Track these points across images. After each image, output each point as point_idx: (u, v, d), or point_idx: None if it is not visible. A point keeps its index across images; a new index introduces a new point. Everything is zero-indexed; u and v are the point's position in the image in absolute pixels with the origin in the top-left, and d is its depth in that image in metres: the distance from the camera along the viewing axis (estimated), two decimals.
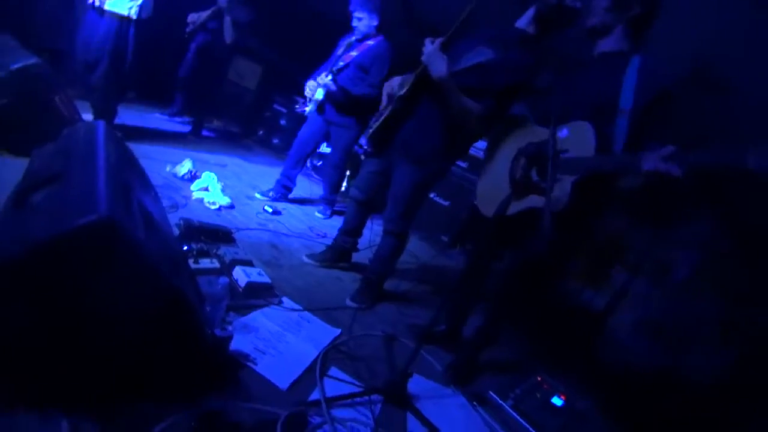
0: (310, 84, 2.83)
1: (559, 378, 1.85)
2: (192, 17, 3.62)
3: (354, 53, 2.70)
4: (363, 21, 2.64)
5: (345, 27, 2.80)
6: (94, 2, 2.33)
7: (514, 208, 1.45)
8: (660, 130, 1.30)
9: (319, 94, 2.78)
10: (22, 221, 0.91)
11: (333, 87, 2.68)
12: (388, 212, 1.97)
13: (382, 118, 1.86)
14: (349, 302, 1.97)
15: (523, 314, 2.58)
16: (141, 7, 2.42)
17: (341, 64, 2.71)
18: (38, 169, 1.14)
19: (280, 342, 1.46)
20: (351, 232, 2.27)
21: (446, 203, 3.74)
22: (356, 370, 1.50)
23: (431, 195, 3.79)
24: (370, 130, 1.93)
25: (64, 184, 0.89)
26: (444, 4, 1.89)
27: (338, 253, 2.30)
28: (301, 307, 1.73)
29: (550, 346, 2.58)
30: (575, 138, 1.32)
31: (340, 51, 2.79)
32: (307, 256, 2.25)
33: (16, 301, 0.66)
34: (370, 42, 2.69)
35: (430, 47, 1.62)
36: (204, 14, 3.56)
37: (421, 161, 1.83)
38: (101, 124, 1.13)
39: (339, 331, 1.69)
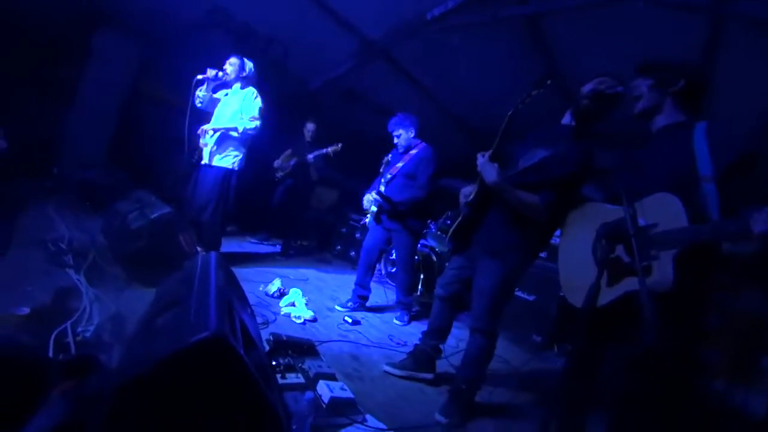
0: (367, 197, 3.12)
1: None
2: (277, 163, 4.60)
3: (400, 164, 3.02)
4: (402, 136, 3.01)
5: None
6: (204, 161, 3.00)
7: (610, 295, 1.33)
8: (753, 190, 1.18)
9: (374, 207, 3.05)
10: (148, 342, 1.06)
11: (379, 200, 2.97)
12: (474, 310, 1.90)
13: (457, 223, 1.98)
14: (438, 417, 1.79)
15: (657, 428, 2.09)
16: (241, 162, 3.05)
17: (389, 176, 3.03)
18: (163, 297, 1.36)
19: None
20: (434, 334, 2.16)
21: (531, 298, 3.47)
22: None
23: (515, 291, 3.58)
24: (449, 232, 2.02)
25: (183, 307, 1.05)
26: (487, 105, 2.09)
27: (420, 360, 2.16)
28: (386, 427, 1.61)
29: None
30: (661, 211, 1.24)
31: (382, 168, 3.15)
32: (388, 364, 2.16)
33: (140, 414, 0.75)
34: (413, 151, 3.00)
35: (481, 160, 1.80)
36: (291, 162, 4.53)
37: (502, 254, 1.84)
38: (214, 255, 1.35)
39: None
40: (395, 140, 3.07)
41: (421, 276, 3.84)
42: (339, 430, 1.50)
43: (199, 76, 2.96)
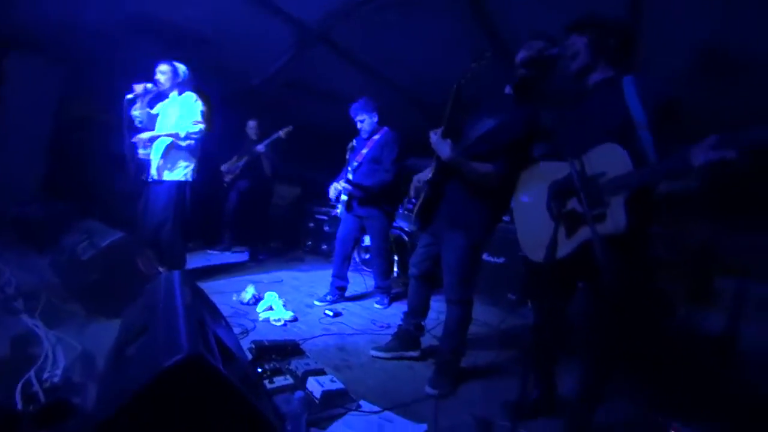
0: (334, 186, 3.10)
1: (696, 426, 1.54)
2: (224, 168, 4.37)
3: (365, 151, 3.00)
4: (366, 122, 3.00)
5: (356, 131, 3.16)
6: (153, 177, 2.83)
7: (569, 246, 1.43)
8: (680, 130, 1.29)
9: (343, 197, 3.04)
10: (121, 374, 1.02)
11: (349, 188, 2.95)
12: (445, 282, 1.97)
13: (420, 201, 2.02)
14: (428, 390, 1.86)
15: (630, 359, 2.29)
16: (193, 171, 2.91)
17: (355, 164, 3.01)
18: (129, 326, 1.31)
19: None
20: (415, 313, 2.23)
21: (501, 260, 3.62)
22: None
23: (483, 256, 3.72)
24: (414, 211, 2.07)
25: (151, 333, 1.01)
26: (444, 82, 2.11)
27: (404, 340, 2.22)
28: (380, 408, 1.65)
29: (672, 389, 2.20)
30: (607, 160, 1.34)
31: (347, 155, 3.13)
32: (374, 348, 2.21)
33: None
34: (376, 136, 3.00)
35: (434, 137, 1.85)
36: (240, 164, 4.31)
37: (465, 226, 1.90)
38: (177, 274, 1.31)
39: (425, 426, 1.57)
40: (358, 125, 3.04)
41: (395, 258, 3.90)
42: (335, 420, 1.53)
43: (129, 95, 2.74)
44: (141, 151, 2.83)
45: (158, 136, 2.80)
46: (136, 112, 2.82)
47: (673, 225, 3.02)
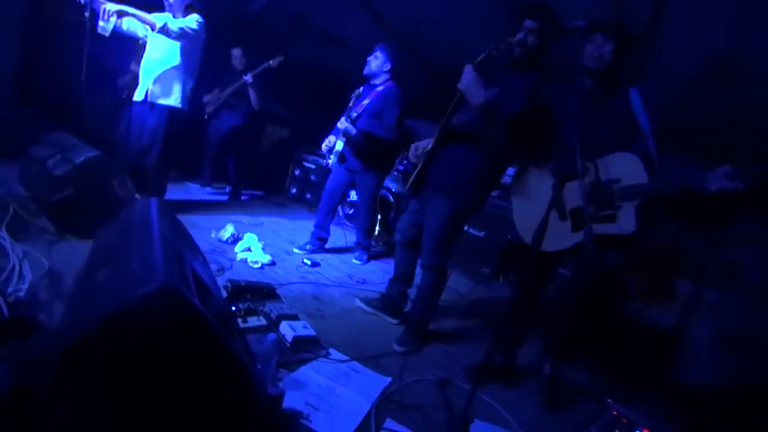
0: (329, 138, 2.98)
1: (636, 409, 1.66)
2: (207, 98, 4.05)
3: (366, 102, 2.82)
4: (377, 61, 2.77)
5: (359, 82, 2.99)
6: (141, 98, 2.63)
7: (572, 240, 1.60)
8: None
9: (339, 146, 2.91)
10: (90, 298, 0.99)
11: (353, 131, 2.75)
12: (423, 247, 1.99)
13: (417, 170, 1.99)
14: (395, 347, 1.92)
15: (587, 343, 2.43)
16: (185, 98, 2.71)
17: (355, 114, 2.83)
18: (101, 249, 1.26)
19: (331, 396, 1.43)
20: (399, 279, 2.27)
21: (481, 234, 3.67)
22: (412, 420, 1.43)
23: (465, 227, 3.76)
24: (409, 181, 2.04)
25: (125, 259, 0.97)
26: (453, 44, 2.02)
27: (387, 305, 2.26)
28: (348, 358, 1.70)
29: (620, 374, 2.36)
30: (623, 168, 1.49)
31: (351, 103, 2.93)
32: (360, 299, 2.30)
33: (89, 374, 0.71)
34: (380, 88, 2.81)
35: (470, 75, 1.67)
36: (223, 93, 3.97)
37: (451, 192, 1.88)
38: (154, 201, 1.24)
39: (389, 379, 1.64)
40: (369, 58, 2.80)
41: (379, 217, 3.88)
42: (304, 364, 1.56)
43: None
44: (100, 23, 2.30)
45: (130, 14, 2.33)
46: (102, 23, 2.31)
47: (642, 223, 3.13)
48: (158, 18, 2.43)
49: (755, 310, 2.53)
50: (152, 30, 2.47)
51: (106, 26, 2.32)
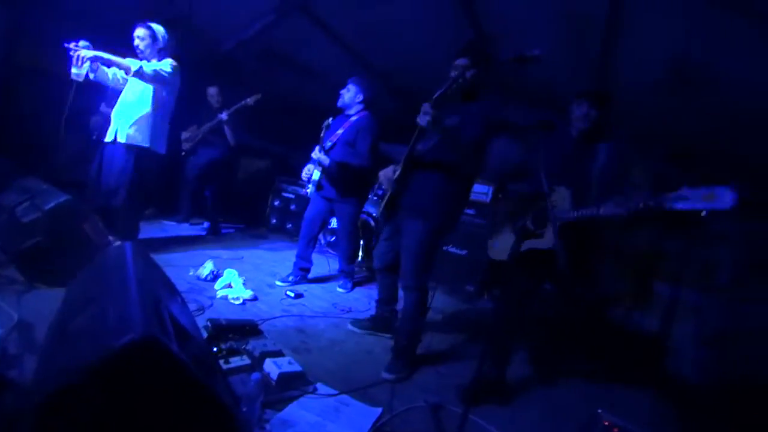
0: (307, 167, 3.01)
1: (627, 417, 1.68)
2: (185, 135, 4.09)
3: (340, 131, 2.90)
4: (349, 93, 2.89)
5: (332, 110, 3.07)
6: (111, 139, 2.61)
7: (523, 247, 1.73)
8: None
9: (316, 175, 2.95)
10: (65, 349, 0.95)
11: (326, 161, 2.81)
12: (402, 268, 2.05)
13: (387, 196, 2.11)
14: (384, 375, 1.90)
15: (573, 352, 2.48)
16: (153, 137, 2.67)
17: (329, 144, 2.90)
18: (75, 297, 1.22)
19: None
20: (385, 302, 2.40)
21: (463, 252, 3.72)
22: None
23: (447, 248, 3.80)
24: (380, 208, 2.16)
25: (100, 307, 0.95)
26: (422, 76, 2.15)
27: (378, 323, 2.39)
28: (336, 392, 1.67)
29: (609, 380, 2.39)
30: (560, 198, 1.77)
31: (322, 133, 2.99)
32: (351, 323, 2.39)
33: (72, 427, 0.68)
34: (354, 118, 2.90)
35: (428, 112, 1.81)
36: (200, 131, 4.04)
37: (424, 214, 1.97)
38: (128, 246, 1.23)
39: (380, 410, 1.61)
40: (342, 91, 2.91)
41: (361, 242, 3.89)
42: (291, 402, 1.52)
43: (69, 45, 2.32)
44: (74, 70, 2.34)
45: (104, 59, 2.37)
46: (76, 70, 2.35)
47: (618, 229, 3.26)
48: (132, 62, 2.45)
49: (732, 308, 2.64)
50: (126, 74, 2.49)
51: (79, 72, 2.36)
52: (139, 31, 2.58)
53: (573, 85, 2.25)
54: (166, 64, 2.62)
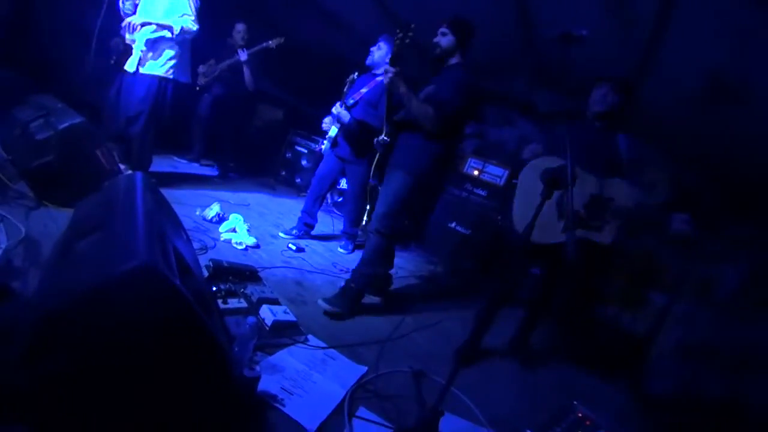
0: (326, 120, 2.95)
1: (600, 412, 1.73)
2: (202, 69, 3.93)
3: (364, 90, 2.80)
4: (380, 51, 2.78)
5: (356, 67, 2.95)
6: (132, 67, 2.57)
7: (560, 238, 1.79)
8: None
9: (333, 131, 2.89)
10: (68, 269, 0.97)
11: (347, 118, 2.76)
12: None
13: (377, 157, 2.25)
14: (320, 302, 1.99)
15: (558, 341, 2.53)
16: (177, 68, 2.64)
17: (351, 101, 2.82)
18: (82, 220, 1.23)
19: (306, 381, 1.45)
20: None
21: (467, 232, 3.72)
22: (384, 410, 1.46)
23: (452, 224, 3.80)
24: (372, 168, 2.27)
25: (107, 233, 0.96)
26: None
27: (373, 286, 2.31)
28: (326, 345, 1.72)
29: (589, 374, 2.45)
30: (619, 191, 1.78)
31: (345, 88, 2.90)
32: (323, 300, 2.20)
33: (63, 347, 0.70)
34: (380, 78, 2.78)
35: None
36: (218, 67, 3.87)
37: (406, 166, 2.08)
38: (139, 176, 1.22)
39: (365, 368, 1.66)
40: (372, 48, 2.81)
41: (367, 207, 3.88)
42: (281, 349, 1.57)
43: None
44: (128, 36, 2.54)
45: (149, 23, 2.49)
46: (129, 36, 2.53)
47: (624, 230, 3.23)
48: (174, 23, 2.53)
49: (722, 323, 2.64)
50: (170, 32, 2.55)
51: (132, 37, 2.55)
52: None
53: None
54: (192, 25, 2.59)
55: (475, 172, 4.01)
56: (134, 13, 2.58)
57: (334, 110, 2.82)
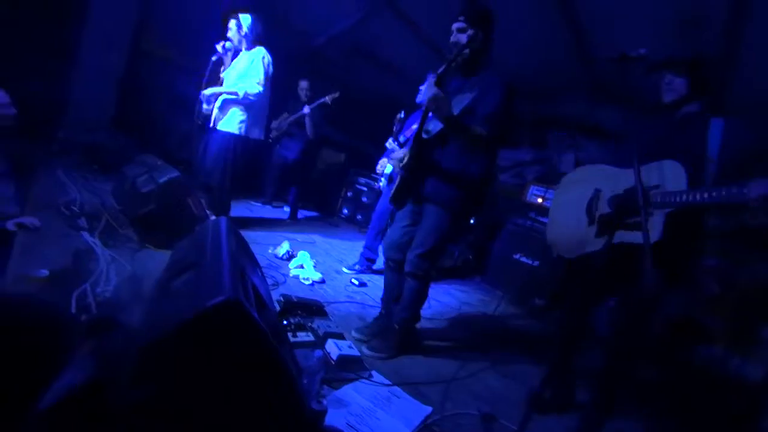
0: (382, 161, 3.08)
1: None
2: (275, 124, 4.45)
3: (415, 126, 2.88)
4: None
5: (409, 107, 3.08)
6: (211, 126, 2.99)
7: (597, 244, 1.52)
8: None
9: (388, 169, 3.00)
10: (167, 304, 1.11)
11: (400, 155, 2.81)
12: (409, 254, 1.92)
13: (398, 182, 1.95)
14: (365, 350, 1.88)
15: (654, 384, 2.22)
16: (248, 127, 2.98)
17: (402, 138, 2.91)
18: (178, 260, 1.41)
19: (371, 418, 1.44)
20: (393, 300, 2.11)
21: (535, 263, 3.53)
22: None
23: (517, 256, 3.64)
24: (391, 195, 2.00)
25: (198, 271, 1.09)
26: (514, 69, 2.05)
27: (384, 328, 2.08)
28: (390, 382, 1.71)
29: (692, 428, 2.11)
30: (665, 174, 1.41)
31: (395, 127, 2.99)
32: (356, 330, 2.06)
33: (165, 372, 0.81)
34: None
35: (432, 90, 1.71)
36: (286, 122, 4.38)
37: (442, 200, 1.87)
38: (224, 220, 1.38)
39: (430, 409, 1.61)
40: (421, 88, 2.89)
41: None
42: (347, 384, 1.60)
43: (214, 57, 2.95)
44: (204, 106, 2.98)
45: (219, 93, 2.92)
46: (224, 74, 2.96)
47: (731, 258, 2.81)
48: (238, 90, 2.90)
49: None
50: (235, 97, 2.91)
51: (208, 107, 3.00)
52: (231, 23, 2.94)
53: None
54: (254, 89, 2.90)
55: (539, 200, 3.86)
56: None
57: (388, 145, 2.94)
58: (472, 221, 4.25)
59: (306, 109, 4.14)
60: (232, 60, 2.99)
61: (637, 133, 1.61)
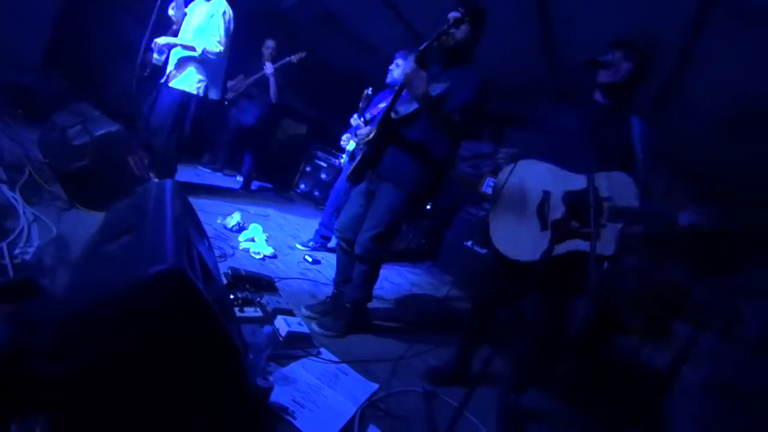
0: (345, 136, 3.00)
1: None
2: (231, 83, 4.09)
3: (382, 105, 2.83)
4: (399, 69, 2.75)
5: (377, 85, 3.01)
6: (163, 82, 2.72)
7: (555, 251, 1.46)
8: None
9: (351, 146, 2.93)
10: (97, 270, 1.00)
11: (365, 130, 2.70)
12: (362, 235, 1.88)
13: (357, 161, 1.92)
14: (315, 328, 1.85)
15: (575, 372, 2.42)
16: (205, 85, 2.76)
17: (368, 116, 2.85)
18: (113, 223, 1.27)
19: (318, 395, 1.44)
20: (346, 281, 2.08)
21: (484, 251, 3.67)
22: (395, 429, 1.43)
23: (469, 243, 3.76)
24: (350, 171, 1.95)
25: (137, 236, 0.99)
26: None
27: (336, 306, 2.07)
28: (338, 359, 1.71)
29: (601, 410, 2.34)
30: (617, 187, 1.43)
31: (361, 103, 2.91)
32: (306, 307, 2.03)
33: (90, 344, 0.73)
34: None
35: (410, 65, 1.63)
36: (245, 82, 4.02)
37: (400, 182, 1.84)
38: (170, 182, 1.26)
39: (377, 386, 1.64)
40: (391, 66, 2.77)
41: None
42: (294, 361, 1.57)
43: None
44: (155, 56, 2.71)
45: (174, 45, 2.67)
46: (172, 11, 2.71)
47: (651, 259, 3.11)
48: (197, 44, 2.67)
49: (750, 364, 2.50)
50: (195, 52, 2.69)
51: (159, 58, 2.73)
52: None
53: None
54: (215, 48, 2.69)
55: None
56: (178, 25, 2.74)
57: (352, 121, 2.86)
58: (428, 207, 4.32)
59: (269, 68, 3.85)
60: (185, 5, 2.72)
61: (558, 120, 1.62)
